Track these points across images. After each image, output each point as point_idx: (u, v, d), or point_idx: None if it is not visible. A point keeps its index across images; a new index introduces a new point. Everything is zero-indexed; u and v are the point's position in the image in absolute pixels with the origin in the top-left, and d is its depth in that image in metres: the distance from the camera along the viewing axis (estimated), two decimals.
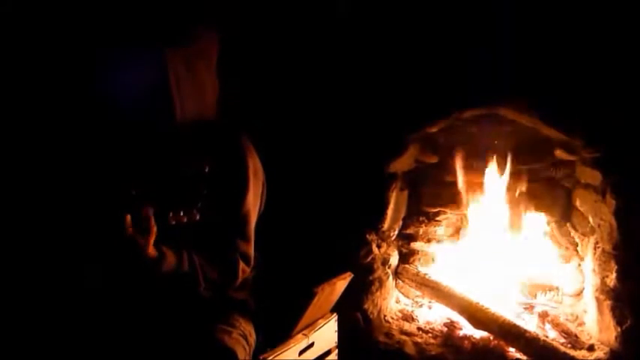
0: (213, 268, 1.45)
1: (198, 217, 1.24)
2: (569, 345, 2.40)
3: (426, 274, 2.72)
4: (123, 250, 1.26)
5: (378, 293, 2.61)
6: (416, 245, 2.84)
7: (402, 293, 2.84)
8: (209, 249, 1.45)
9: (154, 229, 1.28)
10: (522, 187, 2.61)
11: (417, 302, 2.81)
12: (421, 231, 2.81)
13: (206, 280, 1.44)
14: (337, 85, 2.44)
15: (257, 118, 2.28)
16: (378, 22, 2.39)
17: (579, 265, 2.63)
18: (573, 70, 2.25)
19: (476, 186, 2.72)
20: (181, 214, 1.22)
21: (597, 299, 2.42)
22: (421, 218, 2.80)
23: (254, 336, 1.57)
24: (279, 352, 1.70)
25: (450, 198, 2.76)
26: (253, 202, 1.55)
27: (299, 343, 1.79)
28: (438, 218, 2.81)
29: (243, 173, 1.51)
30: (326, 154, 2.46)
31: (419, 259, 2.84)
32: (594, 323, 2.45)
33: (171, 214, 1.23)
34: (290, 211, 2.35)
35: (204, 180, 1.22)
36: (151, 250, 1.31)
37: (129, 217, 1.24)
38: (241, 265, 1.51)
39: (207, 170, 1.22)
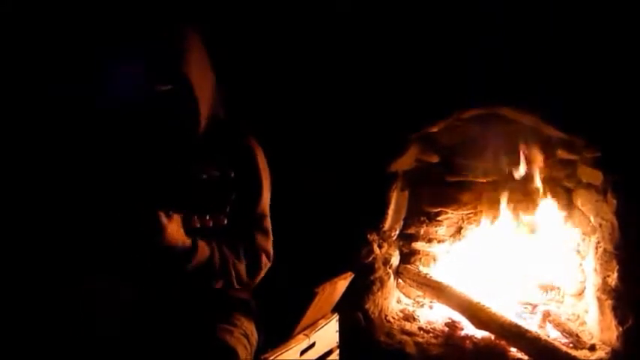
0: (240, 262, 1.48)
1: (225, 222, 1.24)
2: (570, 345, 2.40)
3: (427, 274, 2.72)
4: (147, 228, 1.26)
5: (379, 293, 2.60)
6: (417, 245, 2.84)
7: (403, 293, 2.83)
8: (232, 246, 1.48)
9: (178, 219, 1.29)
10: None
11: (418, 302, 2.81)
12: (422, 231, 2.81)
13: (236, 274, 1.47)
14: (338, 84, 2.44)
15: (258, 117, 2.27)
16: (379, 21, 2.39)
17: (580, 264, 2.63)
18: (574, 70, 2.24)
19: (478, 186, 2.73)
20: (207, 218, 1.23)
21: (599, 299, 2.42)
22: (422, 218, 2.80)
23: (256, 336, 1.57)
24: (280, 352, 1.70)
25: (451, 198, 2.76)
26: (267, 199, 1.59)
27: (300, 343, 1.79)
28: (438, 218, 2.81)
29: (256, 173, 1.54)
30: (327, 154, 2.46)
31: (420, 259, 2.84)
32: (596, 323, 2.45)
33: (196, 218, 1.23)
34: (291, 211, 2.35)
35: (230, 185, 1.23)
36: (184, 238, 1.32)
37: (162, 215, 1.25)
38: (264, 259, 1.54)
39: (233, 175, 1.23)
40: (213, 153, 1.47)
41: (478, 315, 2.46)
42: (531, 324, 2.51)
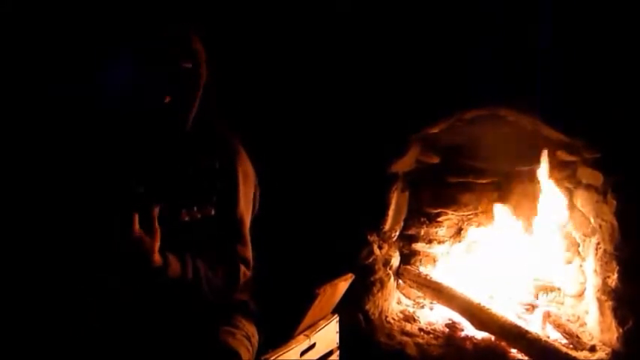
0: (216, 274, 1.44)
1: (213, 212, 1.22)
2: (570, 346, 2.40)
3: (427, 275, 2.72)
4: (129, 252, 1.24)
5: (380, 294, 2.60)
6: (417, 246, 2.84)
7: (404, 294, 2.83)
8: (209, 256, 1.44)
9: (158, 232, 1.26)
10: None
11: (418, 303, 2.81)
12: (422, 232, 2.81)
13: (210, 287, 1.43)
14: (339, 85, 2.44)
15: (259, 118, 2.28)
16: (379, 21, 2.39)
17: (581, 265, 2.63)
18: (574, 71, 2.25)
19: (479, 187, 2.73)
20: (195, 209, 1.21)
21: (599, 300, 2.42)
22: (422, 219, 2.80)
23: (257, 337, 1.56)
24: (280, 353, 1.70)
25: (451, 199, 2.77)
26: (245, 206, 1.53)
27: (301, 343, 1.79)
28: (439, 219, 2.81)
29: (232, 178, 1.49)
30: (327, 155, 2.46)
31: (420, 260, 2.85)
32: (596, 324, 2.45)
33: (184, 211, 1.21)
34: (291, 212, 2.35)
35: (216, 175, 1.21)
36: (157, 256, 1.29)
37: (137, 217, 1.23)
38: (242, 269, 1.50)
39: (217, 166, 1.21)
40: (197, 150, 1.45)
41: (478, 316, 2.46)
42: (532, 325, 2.51)
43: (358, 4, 2.40)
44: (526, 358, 2.34)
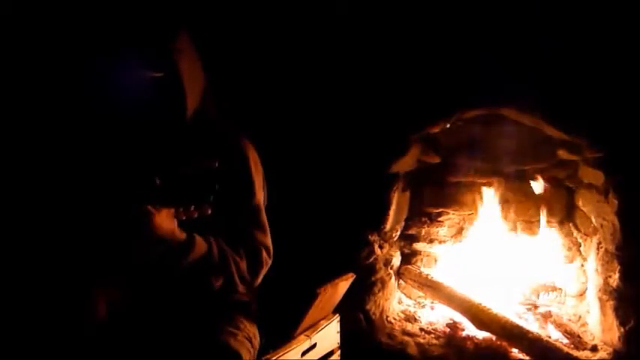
0: (241, 259, 1.44)
1: (209, 212, 1.22)
2: (572, 345, 2.40)
3: (428, 275, 2.72)
4: (136, 220, 1.22)
5: (381, 294, 2.60)
6: (418, 246, 2.83)
7: (405, 294, 2.83)
8: (231, 244, 1.44)
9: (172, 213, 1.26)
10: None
11: (419, 303, 2.81)
12: (423, 231, 2.81)
13: (237, 271, 1.43)
14: (339, 85, 2.44)
15: (260, 119, 2.27)
16: (381, 20, 2.39)
17: (582, 265, 2.63)
18: (576, 70, 2.24)
19: (480, 187, 2.73)
20: (192, 209, 1.21)
21: (600, 299, 2.42)
22: (423, 219, 2.80)
23: (258, 338, 1.56)
24: (281, 353, 1.70)
25: (452, 198, 2.76)
26: (259, 193, 1.56)
27: (301, 344, 1.79)
28: (440, 219, 2.81)
29: (245, 166, 1.51)
30: (328, 155, 2.46)
31: (421, 260, 2.84)
32: (597, 324, 2.45)
33: (181, 210, 1.22)
34: (292, 212, 2.35)
35: (214, 174, 1.22)
36: (178, 232, 1.29)
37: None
38: (264, 255, 1.51)
39: (217, 165, 1.22)
40: (202, 150, 1.45)
41: (479, 316, 2.46)
42: (533, 325, 2.51)
43: (358, 5, 2.39)
44: (527, 358, 2.33)
